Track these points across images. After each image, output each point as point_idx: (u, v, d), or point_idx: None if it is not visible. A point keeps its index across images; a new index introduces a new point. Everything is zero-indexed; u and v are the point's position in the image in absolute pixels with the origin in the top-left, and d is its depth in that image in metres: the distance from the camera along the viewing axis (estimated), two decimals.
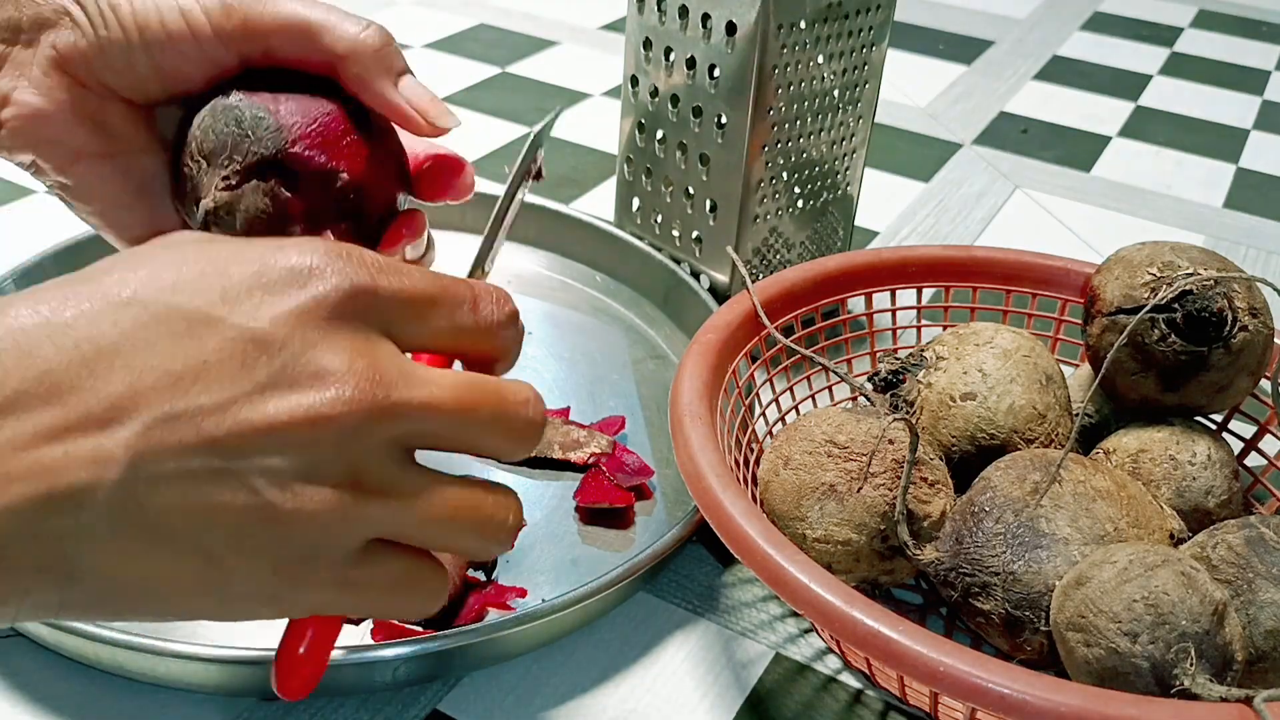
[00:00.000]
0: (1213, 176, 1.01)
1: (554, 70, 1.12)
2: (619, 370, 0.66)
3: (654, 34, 0.67)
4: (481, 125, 0.99)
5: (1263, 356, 0.50)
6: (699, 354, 0.51)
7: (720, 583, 0.53)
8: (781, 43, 0.61)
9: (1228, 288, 0.48)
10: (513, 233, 0.77)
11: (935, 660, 0.37)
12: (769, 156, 0.64)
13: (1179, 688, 0.38)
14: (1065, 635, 0.41)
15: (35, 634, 0.45)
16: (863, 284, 0.59)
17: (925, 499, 0.47)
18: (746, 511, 0.43)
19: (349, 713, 0.45)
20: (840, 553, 0.46)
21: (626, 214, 0.74)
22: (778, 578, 0.40)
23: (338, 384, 0.31)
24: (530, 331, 0.68)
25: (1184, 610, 0.39)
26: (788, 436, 0.49)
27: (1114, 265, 0.51)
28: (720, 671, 0.48)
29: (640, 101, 0.69)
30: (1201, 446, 0.49)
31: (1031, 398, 0.51)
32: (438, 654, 0.45)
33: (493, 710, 0.46)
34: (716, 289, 0.68)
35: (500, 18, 1.24)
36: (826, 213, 0.70)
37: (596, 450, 0.57)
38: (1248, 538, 0.43)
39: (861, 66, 0.66)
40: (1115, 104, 1.15)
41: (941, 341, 0.54)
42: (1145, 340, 0.49)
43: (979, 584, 0.44)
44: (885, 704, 0.47)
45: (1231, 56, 1.32)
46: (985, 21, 1.37)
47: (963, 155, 1.01)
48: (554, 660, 0.48)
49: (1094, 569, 0.41)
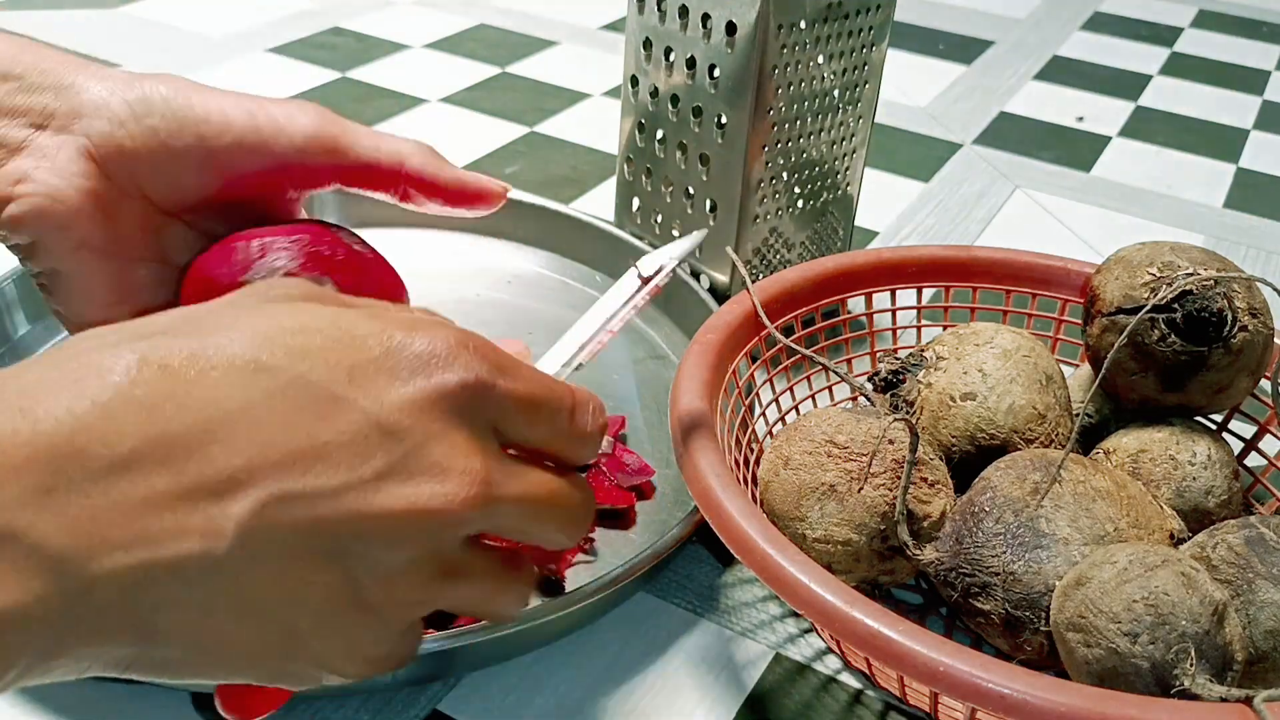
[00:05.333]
0: (1213, 176, 1.01)
1: (554, 70, 1.12)
2: (619, 370, 0.66)
3: (654, 34, 0.67)
4: (482, 125, 0.99)
5: (1263, 356, 0.50)
6: (699, 354, 0.51)
7: (720, 583, 0.53)
8: (781, 43, 0.61)
9: (1228, 288, 0.48)
10: (513, 233, 0.77)
11: (935, 660, 0.37)
12: (769, 156, 0.64)
13: (1179, 688, 0.38)
14: (1065, 635, 0.41)
15: None
16: (863, 284, 0.59)
17: (925, 499, 0.47)
18: (746, 511, 0.43)
19: (349, 713, 0.45)
20: (840, 553, 0.46)
21: (626, 214, 0.74)
22: (778, 578, 0.40)
23: (454, 482, 0.31)
24: (530, 331, 0.68)
25: (1184, 610, 0.39)
26: (788, 436, 0.49)
27: (1114, 265, 0.51)
28: (720, 671, 0.48)
29: (640, 101, 0.69)
30: (1201, 446, 0.49)
31: (1031, 398, 0.51)
32: (438, 654, 0.45)
33: (493, 710, 0.46)
34: (716, 289, 0.68)
35: (500, 18, 1.24)
36: (826, 213, 0.70)
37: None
38: (1248, 538, 0.43)
39: (861, 66, 0.66)
40: (1115, 104, 1.16)
41: (941, 341, 0.54)
42: (1145, 340, 0.49)
43: (979, 584, 0.44)
44: (885, 704, 0.47)
45: (1231, 56, 1.32)
46: (985, 21, 1.37)
47: (963, 155, 1.01)
48: (554, 660, 0.48)
49: (1094, 569, 0.41)
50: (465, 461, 0.32)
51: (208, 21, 1.16)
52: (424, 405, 0.31)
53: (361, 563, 0.31)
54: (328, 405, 0.30)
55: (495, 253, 0.75)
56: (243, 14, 1.18)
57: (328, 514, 0.30)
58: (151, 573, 0.28)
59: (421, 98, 1.03)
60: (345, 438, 0.30)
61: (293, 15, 1.19)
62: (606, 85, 1.09)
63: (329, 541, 0.30)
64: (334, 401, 0.30)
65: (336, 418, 0.30)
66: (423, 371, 0.32)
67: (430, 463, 0.31)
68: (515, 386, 0.34)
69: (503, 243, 0.76)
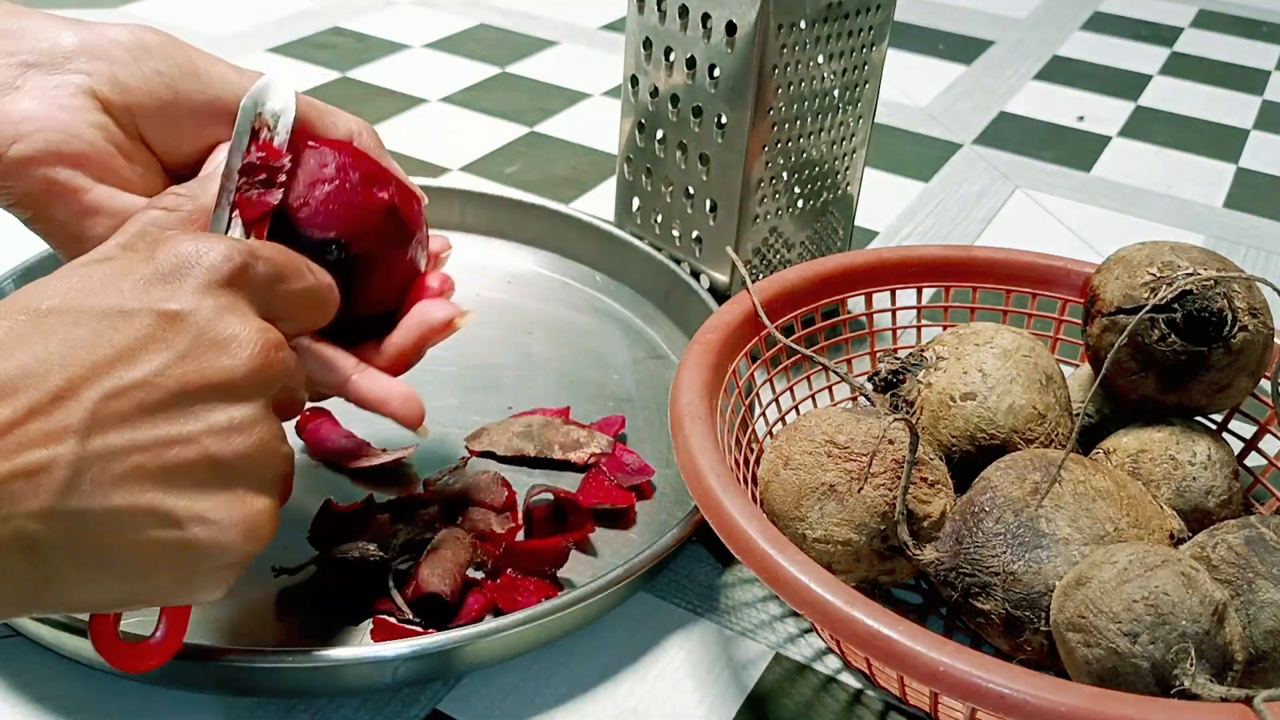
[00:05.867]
0: (1213, 176, 1.01)
1: (554, 70, 1.12)
2: (619, 370, 0.66)
3: (654, 34, 0.67)
4: (482, 125, 0.99)
5: (1263, 356, 0.50)
6: (699, 354, 0.51)
7: (720, 583, 0.53)
8: (781, 43, 0.61)
9: (1228, 288, 0.48)
10: (513, 233, 0.77)
11: (935, 660, 0.37)
12: (769, 156, 0.64)
13: (1179, 688, 0.38)
14: (1065, 635, 0.41)
15: (35, 634, 0.45)
16: (863, 284, 0.59)
17: (925, 499, 0.47)
18: (746, 511, 0.43)
19: (349, 713, 0.45)
20: (840, 553, 0.46)
21: (626, 214, 0.74)
22: (778, 578, 0.40)
23: (248, 344, 0.36)
24: (530, 331, 0.68)
25: (1184, 610, 0.39)
26: (788, 436, 0.49)
27: (1114, 265, 0.51)
28: (720, 671, 0.48)
29: (640, 101, 0.69)
30: (1201, 446, 0.49)
31: (1031, 398, 0.51)
32: (438, 654, 0.45)
33: (493, 710, 0.46)
34: (716, 289, 0.68)
35: (500, 18, 1.24)
36: (826, 213, 0.70)
37: (596, 450, 0.57)
38: (1248, 538, 0.43)
39: (861, 66, 0.66)
40: (1115, 104, 1.16)
41: (941, 341, 0.54)
42: (1145, 340, 0.49)
43: (979, 584, 0.44)
44: (885, 704, 0.47)
45: (1231, 56, 1.32)
46: (985, 21, 1.37)
47: (963, 155, 1.01)
48: (554, 660, 0.48)
49: (1094, 569, 0.41)
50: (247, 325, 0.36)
51: (208, 21, 1.16)
52: (200, 289, 0.36)
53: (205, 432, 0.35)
54: (119, 317, 0.34)
55: (495, 253, 0.75)
56: (243, 14, 1.18)
57: (153, 397, 0.34)
58: (13, 484, 0.31)
59: (421, 98, 1.03)
60: (144, 335, 0.34)
61: (293, 15, 1.19)
62: (606, 85, 1.09)
63: (166, 423, 0.34)
64: (123, 313, 0.34)
65: (130, 323, 0.34)
66: (187, 264, 0.36)
67: (224, 334, 0.36)
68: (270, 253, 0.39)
69: (503, 243, 0.76)
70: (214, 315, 0.36)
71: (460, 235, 0.75)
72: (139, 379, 0.34)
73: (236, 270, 0.37)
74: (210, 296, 0.36)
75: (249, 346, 0.36)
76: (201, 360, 0.35)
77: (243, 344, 0.36)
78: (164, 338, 0.35)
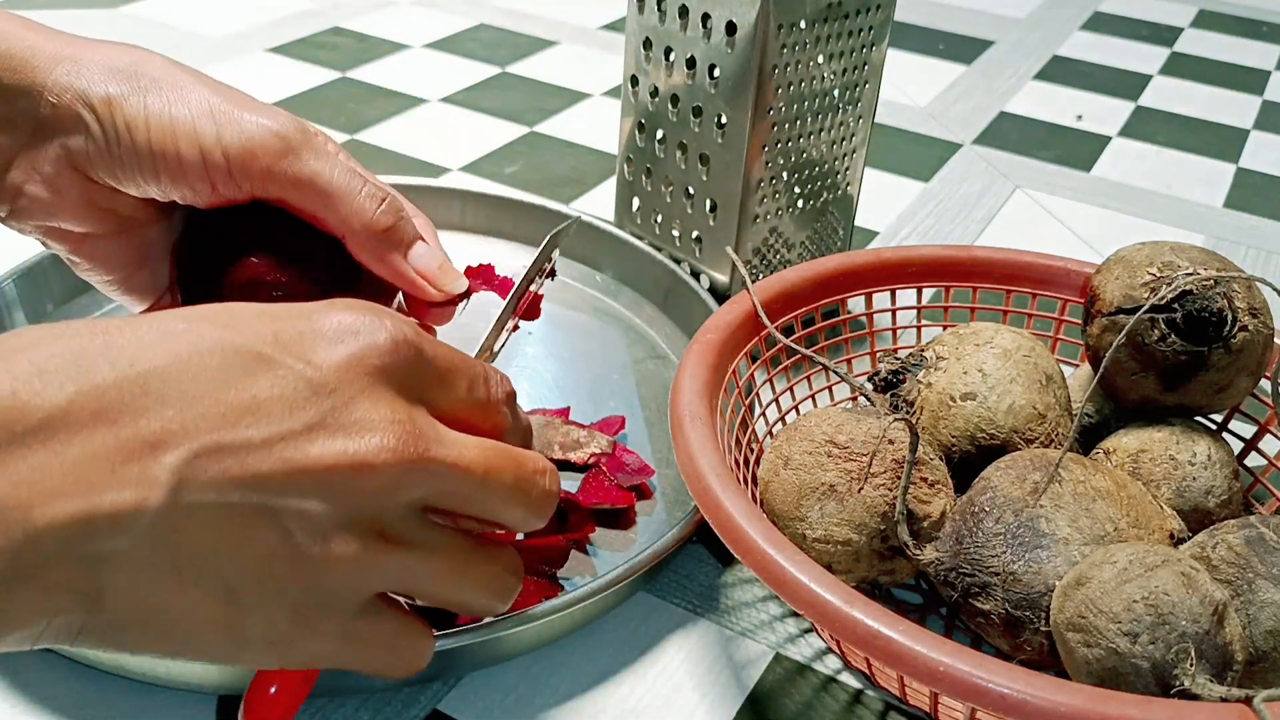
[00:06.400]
0: (1213, 176, 1.01)
1: (554, 70, 1.12)
2: (619, 370, 0.66)
3: (654, 34, 0.67)
4: (482, 125, 0.99)
5: (1263, 356, 0.50)
6: (699, 354, 0.51)
7: (720, 583, 0.53)
8: (781, 43, 0.61)
9: (1228, 288, 0.48)
10: (513, 233, 0.77)
11: (935, 660, 0.37)
12: (769, 156, 0.64)
13: (1179, 688, 0.38)
14: (1065, 635, 0.41)
15: None
16: (863, 284, 0.59)
17: (925, 499, 0.47)
18: (746, 511, 0.43)
19: (349, 712, 0.45)
20: (840, 553, 0.46)
21: (626, 214, 0.74)
22: (778, 578, 0.40)
23: (381, 434, 0.32)
24: (529, 332, 0.68)
25: (1184, 610, 0.39)
26: (788, 436, 0.49)
27: (1114, 265, 0.51)
28: (720, 671, 0.48)
29: (640, 101, 0.69)
30: (1201, 446, 0.49)
31: (1031, 398, 0.51)
32: (438, 654, 0.45)
33: (493, 710, 0.46)
34: (716, 289, 0.68)
35: (500, 18, 1.24)
36: (826, 213, 0.70)
37: (596, 450, 0.57)
38: (1248, 538, 0.43)
39: (861, 66, 0.66)
40: (1115, 104, 1.16)
41: (941, 341, 0.54)
42: (1145, 340, 0.49)
43: (979, 584, 0.44)
44: (885, 704, 0.47)
45: (1231, 56, 1.32)
46: (985, 21, 1.37)
47: (963, 155, 1.01)
48: (554, 660, 0.48)
49: (1094, 569, 0.41)
50: (393, 415, 0.32)
51: (207, 21, 1.15)
52: (351, 365, 0.32)
53: (296, 519, 0.31)
54: (256, 363, 0.31)
55: (495, 253, 0.75)
56: (243, 14, 1.18)
57: (259, 466, 0.30)
58: (91, 523, 0.28)
59: (421, 98, 1.03)
60: (274, 392, 0.31)
61: (293, 15, 1.19)
62: (606, 85, 1.09)
63: (261, 494, 0.30)
64: (261, 360, 0.31)
65: (265, 374, 0.31)
66: (348, 335, 0.33)
67: (360, 417, 0.32)
68: (438, 351, 0.35)
69: (503, 243, 0.76)
70: (355, 395, 0.32)
71: (460, 235, 0.75)
72: (254, 439, 0.30)
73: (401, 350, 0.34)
74: (360, 375, 0.32)
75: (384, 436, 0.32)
76: (328, 438, 0.31)
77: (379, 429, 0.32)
78: (296, 401, 0.31)
